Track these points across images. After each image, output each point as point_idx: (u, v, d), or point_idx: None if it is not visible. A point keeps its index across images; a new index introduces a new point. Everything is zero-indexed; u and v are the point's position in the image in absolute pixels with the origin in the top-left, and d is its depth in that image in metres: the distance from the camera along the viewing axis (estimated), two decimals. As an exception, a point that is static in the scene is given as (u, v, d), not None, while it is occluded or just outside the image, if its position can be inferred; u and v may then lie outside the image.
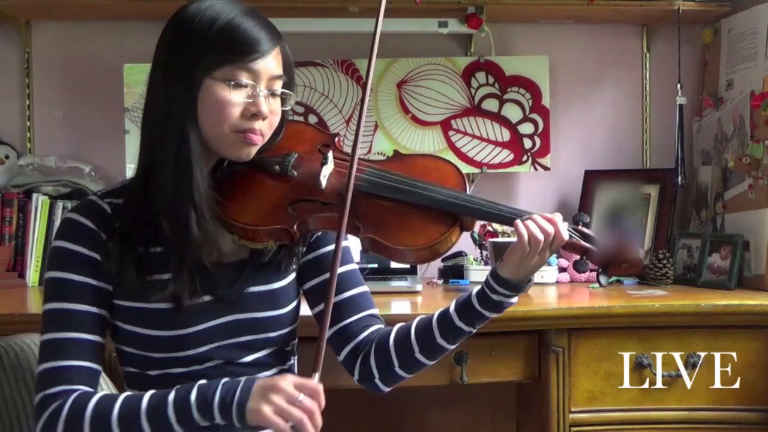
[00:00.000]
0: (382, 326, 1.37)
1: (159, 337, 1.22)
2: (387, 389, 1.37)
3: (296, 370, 1.38)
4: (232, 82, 1.18)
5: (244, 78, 1.19)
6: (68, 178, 2.30)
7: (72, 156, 2.36)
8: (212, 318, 1.24)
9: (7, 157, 2.36)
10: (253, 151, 1.24)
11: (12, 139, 2.39)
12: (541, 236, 1.21)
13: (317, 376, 1.12)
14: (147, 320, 1.22)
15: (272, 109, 1.23)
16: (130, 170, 2.26)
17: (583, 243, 1.25)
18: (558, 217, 1.24)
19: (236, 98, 1.19)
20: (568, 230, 1.24)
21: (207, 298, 1.23)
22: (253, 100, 1.20)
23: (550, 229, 1.21)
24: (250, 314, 1.27)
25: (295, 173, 1.27)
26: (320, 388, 1.10)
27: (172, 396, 1.14)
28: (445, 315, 1.30)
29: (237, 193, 1.25)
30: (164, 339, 1.22)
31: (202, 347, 1.23)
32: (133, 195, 1.23)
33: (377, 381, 1.35)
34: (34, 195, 2.27)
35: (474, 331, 1.30)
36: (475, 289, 1.29)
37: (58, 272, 1.21)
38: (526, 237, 1.21)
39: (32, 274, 2.24)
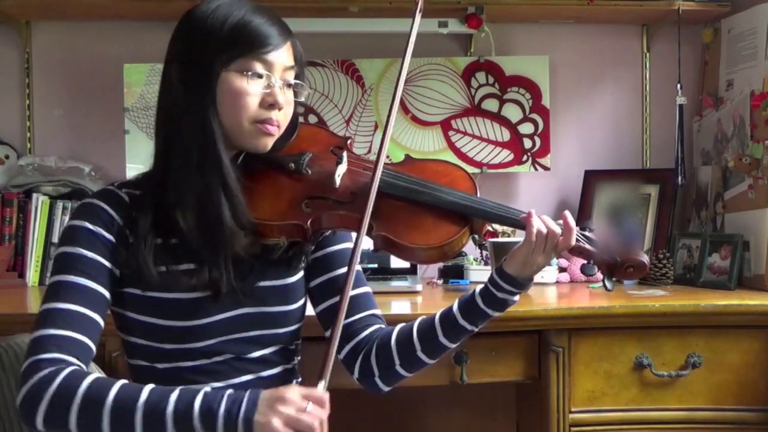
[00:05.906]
0: (383, 326, 1.38)
1: (173, 328, 1.22)
2: (386, 389, 1.37)
3: (298, 372, 1.38)
4: (249, 72, 1.22)
5: (260, 68, 1.23)
6: (68, 178, 2.30)
7: (72, 156, 2.37)
8: (224, 310, 1.24)
9: (7, 157, 2.36)
10: (270, 142, 1.27)
11: (12, 139, 2.39)
12: (553, 230, 1.24)
13: (323, 384, 1.10)
14: (163, 311, 1.22)
15: (287, 100, 1.27)
16: (131, 170, 2.26)
17: (589, 248, 1.26)
18: (572, 222, 1.25)
19: (253, 88, 1.22)
20: (576, 235, 1.26)
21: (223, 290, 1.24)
22: (270, 90, 1.24)
23: (557, 230, 1.24)
24: (261, 308, 1.27)
25: (309, 171, 1.29)
26: (326, 396, 1.09)
27: (174, 397, 1.09)
28: (447, 314, 1.31)
29: (251, 189, 1.26)
30: (178, 330, 1.22)
31: (213, 339, 1.24)
32: (151, 188, 1.25)
33: (377, 379, 1.35)
34: (34, 195, 2.26)
35: (476, 330, 1.31)
36: (479, 287, 1.30)
37: (70, 247, 1.20)
38: (535, 229, 1.23)
39: (32, 274, 2.24)
